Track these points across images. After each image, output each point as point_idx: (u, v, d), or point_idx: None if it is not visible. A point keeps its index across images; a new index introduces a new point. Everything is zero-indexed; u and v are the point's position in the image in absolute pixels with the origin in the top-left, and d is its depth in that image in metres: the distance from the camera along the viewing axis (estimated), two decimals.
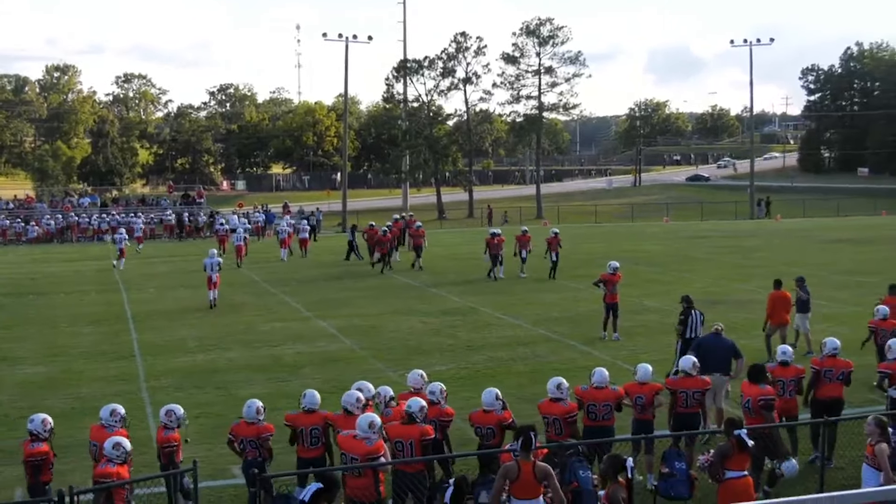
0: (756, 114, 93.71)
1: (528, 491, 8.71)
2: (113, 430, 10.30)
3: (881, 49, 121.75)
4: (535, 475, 8.68)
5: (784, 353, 12.81)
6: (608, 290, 21.81)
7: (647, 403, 11.95)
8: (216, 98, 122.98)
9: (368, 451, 9.58)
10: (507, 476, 8.76)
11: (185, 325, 24.42)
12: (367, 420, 9.78)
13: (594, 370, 11.91)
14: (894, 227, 56.76)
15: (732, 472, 9.44)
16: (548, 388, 11.35)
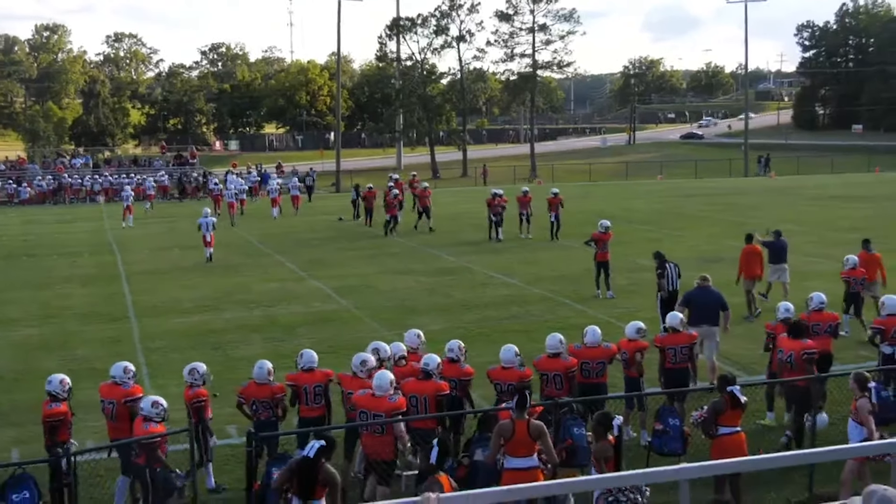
0: (751, 71, 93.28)
1: (522, 449, 8.81)
2: (128, 387, 10.47)
3: (876, 5, 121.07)
4: (529, 433, 8.76)
5: (784, 311, 12.83)
6: (599, 248, 21.87)
7: (630, 361, 12.06)
8: (208, 57, 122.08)
9: (392, 408, 9.71)
10: (501, 434, 8.85)
11: (179, 286, 24.41)
12: (388, 378, 9.93)
13: (587, 329, 11.98)
14: (888, 184, 56.77)
15: (725, 427, 9.52)
16: (547, 343, 11.43)
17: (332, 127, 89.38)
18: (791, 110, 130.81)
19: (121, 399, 10.36)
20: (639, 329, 12.28)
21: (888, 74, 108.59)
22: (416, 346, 11.78)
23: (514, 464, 8.83)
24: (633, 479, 8.28)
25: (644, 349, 12.21)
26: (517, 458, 8.83)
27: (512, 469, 8.79)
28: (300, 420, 10.99)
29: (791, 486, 10.19)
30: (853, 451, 8.97)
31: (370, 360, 10.77)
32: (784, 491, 10.10)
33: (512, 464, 8.84)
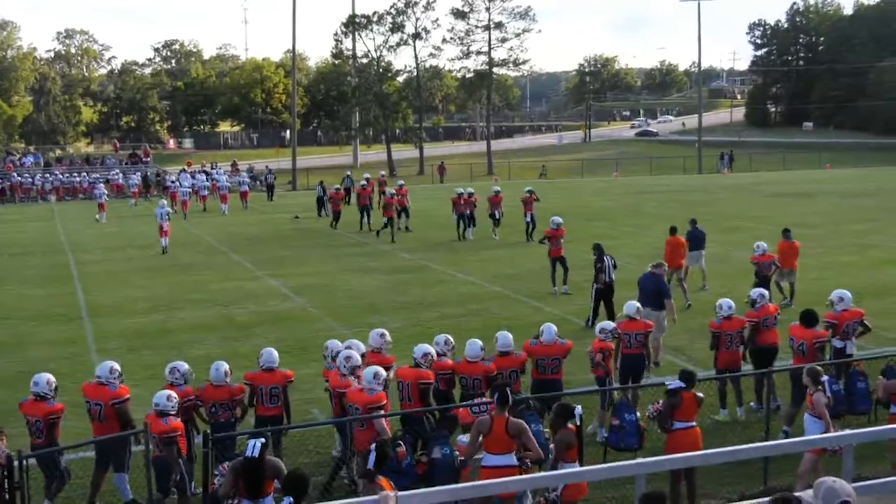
0: (704, 69, 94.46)
1: (500, 446, 8.78)
2: (115, 388, 10.35)
3: (826, 4, 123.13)
4: (507, 431, 8.76)
5: (729, 308, 13.02)
6: (552, 244, 22.12)
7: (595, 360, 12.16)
8: (161, 55, 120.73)
9: (369, 401, 9.76)
10: (480, 430, 8.86)
11: (134, 286, 24.12)
12: (372, 371, 10.05)
13: (543, 326, 12.04)
14: (838, 181, 57.81)
15: (680, 422, 9.63)
16: (499, 342, 11.54)
17: (288, 125, 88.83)
18: (744, 108, 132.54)
19: (108, 401, 10.24)
20: (602, 329, 12.40)
21: (837, 73, 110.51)
22: (380, 346, 11.67)
23: (491, 461, 8.81)
24: (590, 475, 8.37)
25: (610, 350, 12.34)
26: (494, 456, 8.81)
27: (489, 466, 8.76)
28: (256, 419, 10.93)
29: (746, 479, 10.34)
30: (806, 444, 9.14)
31: (354, 357, 10.71)
32: (739, 485, 10.23)
33: (489, 461, 8.82)
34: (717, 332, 12.92)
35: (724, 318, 12.90)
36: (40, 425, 9.95)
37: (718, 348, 12.94)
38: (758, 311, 13.19)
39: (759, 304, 13.28)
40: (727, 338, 12.82)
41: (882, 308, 18.74)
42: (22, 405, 10.21)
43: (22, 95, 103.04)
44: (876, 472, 10.01)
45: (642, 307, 14.16)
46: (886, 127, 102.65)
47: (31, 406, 10.09)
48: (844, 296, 13.36)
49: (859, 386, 11.12)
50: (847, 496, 5.00)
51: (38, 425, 9.96)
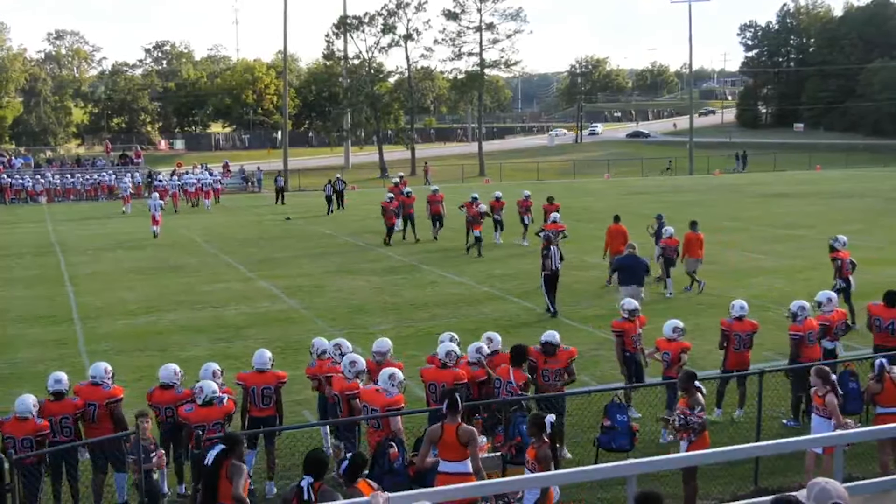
0: (695, 70, 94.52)
1: (451, 453, 8.67)
2: (109, 388, 10.43)
3: (816, 6, 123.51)
4: (458, 437, 8.64)
5: (741, 308, 12.99)
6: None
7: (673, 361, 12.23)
8: (152, 55, 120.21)
9: (387, 403, 9.70)
10: (430, 438, 8.78)
11: (124, 288, 24.06)
12: (388, 373, 10.01)
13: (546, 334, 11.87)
14: (828, 182, 57.98)
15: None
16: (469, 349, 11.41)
17: (279, 126, 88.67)
18: (734, 109, 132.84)
19: (103, 400, 10.26)
20: (675, 328, 12.39)
21: (828, 74, 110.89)
22: (385, 351, 11.50)
23: (444, 468, 8.70)
24: (582, 476, 8.37)
25: (688, 349, 12.40)
26: (448, 463, 8.70)
27: (443, 473, 8.64)
28: (250, 420, 10.89)
29: (737, 480, 10.36)
30: (805, 443, 9.16)
31: (359, 362, 10.64)
32: (730, 485, 10.24)
33: (443, 468, 8.71)
34: (726, 330, 12.90)
35: (735, 319, 12.89)
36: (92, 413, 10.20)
37: (727, 348, 12.92)
38: (801, 325, 12.61)
39: (800, 318, 12.64)
40: (736, 338, 12.81)
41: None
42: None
43: (12, 97, 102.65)
44: (866, 473, 10.06)
45: (625, 285, 17.04)
46: (876, 128, 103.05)
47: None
48: (832, 297, 13.45)
49: (851, 386, 11.15)
50: (839, 498, 5.01)
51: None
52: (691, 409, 9.38)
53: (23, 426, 9.62)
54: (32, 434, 9.63)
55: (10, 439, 9.55)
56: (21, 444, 9.49)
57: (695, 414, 9.37)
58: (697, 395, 9.49)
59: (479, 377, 11.02)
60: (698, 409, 9.43)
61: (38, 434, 9.65)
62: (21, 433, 9.59)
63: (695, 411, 9.39)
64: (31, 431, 9.63)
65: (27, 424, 9.63)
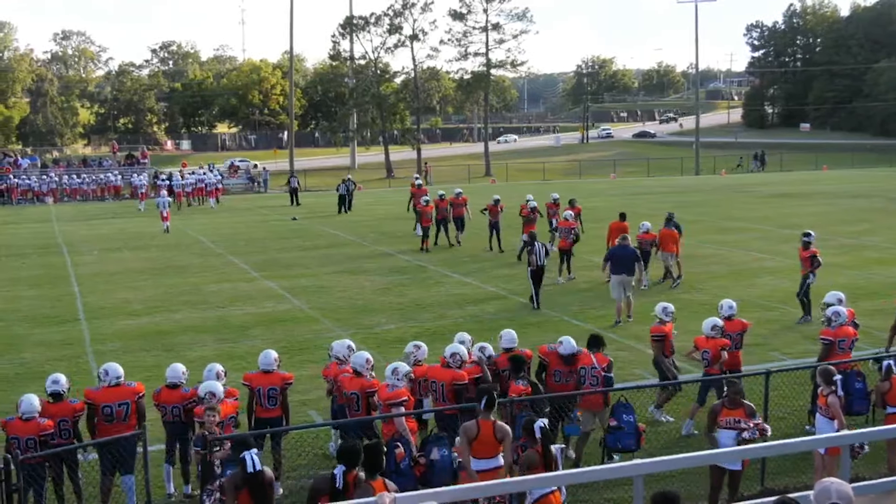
0: (701, 70, 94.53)
1: (487, 450, 8.74)
2: (133, 385, 10.58)
3: (823, 6, 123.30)
4: (494, 434, 8.72)
5: (730, 308, 13.00)
6: (562, 236, 23.60)
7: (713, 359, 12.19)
8: (158, 56, 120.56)
9: (388, 397, 9.85)
10: (467, 435, 8.80)
11: (129, 288, 24.07)
12: (392, 367, 10.22)
13: (560, 340, 11.81)
14: (835, 182, 57.85)
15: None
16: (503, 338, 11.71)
17: (286, 126, 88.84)
18: (741, 109, 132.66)
19: (133, 397, 10.38)
20: (714, 326, 12.39)
21: (834, 74, 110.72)
22: (346, 357, 11.37)
23: (477, 465, 8.74)
24: (588, 476, 8.34)
25: (727, 346, 12.37)
26: (481, 460, 8.74)
27: (479, 471, 8.69)
28: (256, 420, 10.86)
29: (744, 480, 10.31)
30: (810, 443, 9.13)
31: (401, 368, 10.53)
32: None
33: (476, 465, 8.75)
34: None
35: (724, 319, 12.88)
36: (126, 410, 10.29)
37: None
38: (835, 331, 12.34)
39: (835, 323, 12.40)
40: (727, 338, 12.77)
41: (876, 308, 18.75)
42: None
43: (19, 97, 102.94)
44: (873, 473, 10.02)
45: (616, 274, 18.48)
46: (883, 128, 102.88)
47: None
48: (842, 297, 13.46)
49: (857, 386, 11.10)
50: (839, 498, 4.96)
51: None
52: (752, 417, 9.37)
53: (27, 426, 9.62)
54: (36, 434, 9.63)
55: (14, 440, 9.56)
56: (25, 444, 9.49)
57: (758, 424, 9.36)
58: (752, 406, 9.53)
59: (474, 374, 11.00)
60: (756, 419, 9.44)
61: (41, 434, 9.65)
62: (25, 433, 9.60)
63: (755, 419, 9.39)
64: (35, 432, 9.63)
65: (31, 425, 9.64)
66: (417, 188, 33.82)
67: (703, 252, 27.46)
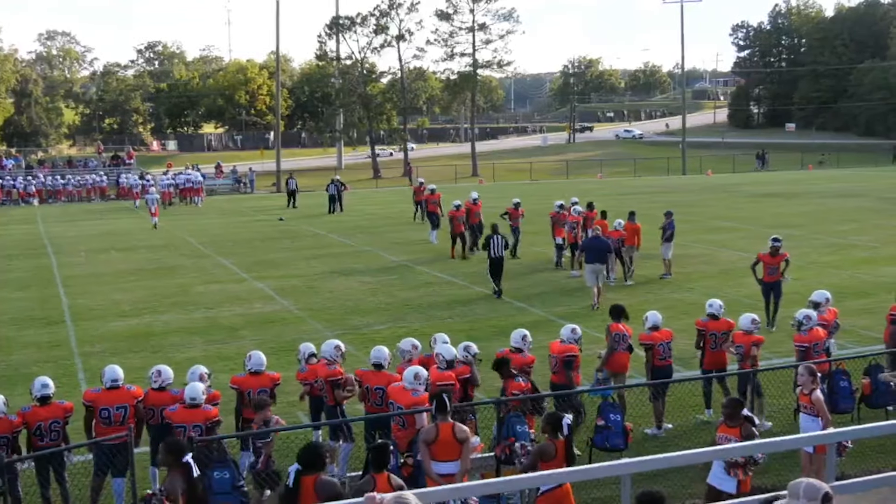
0: (687, 70, 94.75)
1: (448, 453, 8.68)
2: (132, 388, 10.59)
3: (807, 6, 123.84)
4: (454, 436, 8.66)
5: (719, 308, 13.05)
6: (570, 230, 24.82)
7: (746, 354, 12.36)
8: (144, 56, 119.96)
9: (413, 402, 9.72)
10: (425, 439, 8.75)
11: (117, 289, 24.01)
12: (413, 372, 10.01)
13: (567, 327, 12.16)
14: (821, 181, 58.13)
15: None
16: (512, 338, 11.68)
17: (272, 126, 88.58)
18: (727, 109, 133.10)
19: (133, 401, 10.39)
20: (753, 320, 12.55)
21: (819, 74, 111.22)
22: (334, 359, 11.41)
23: (440, 469, 8.67)
24: (576, 476, 8.38)
25: (761, 342, 12.52)
26: (443, 464, 8.68)
27: (439, 475, 8.61)
28: (243, 422, 10.85)
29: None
30: (795, 442, 9.19)
31: (422, 373, 10.32)
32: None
33: (439, 469, 8.67)
34: (701, 329, 12.95)
35: (710, 317, 12.94)
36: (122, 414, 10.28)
37: (704, 348, 12.95)
38: (808, 336, 12.23)
39: (805, 327, 12.29)
40: (712, 337, 12.84)
41: (863, 307, 18.91)
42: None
43: (3, 97, 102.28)
44: (859, 471, 10.11)
45: (590, 263, 19.96)
46: (868, 128, 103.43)
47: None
48: (829, 296, 13.56)
49: (842, 385, 11.20)
50: (828, 489, 5.04)
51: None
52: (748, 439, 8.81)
53: None
54: (9, 433, 9.68)
55: None
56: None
57: None
58: (752, 428, 8.92)
59: (463, 374, 11.02)
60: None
61: (13, 432, 9.71)
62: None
63: None
64: (7, 430, 9.68)
65: (2, 423, 9.68)
66: (431, 193, 32.98)
67: (692, 252, 27.57)
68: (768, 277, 17.98)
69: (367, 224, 38.08)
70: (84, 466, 10.35)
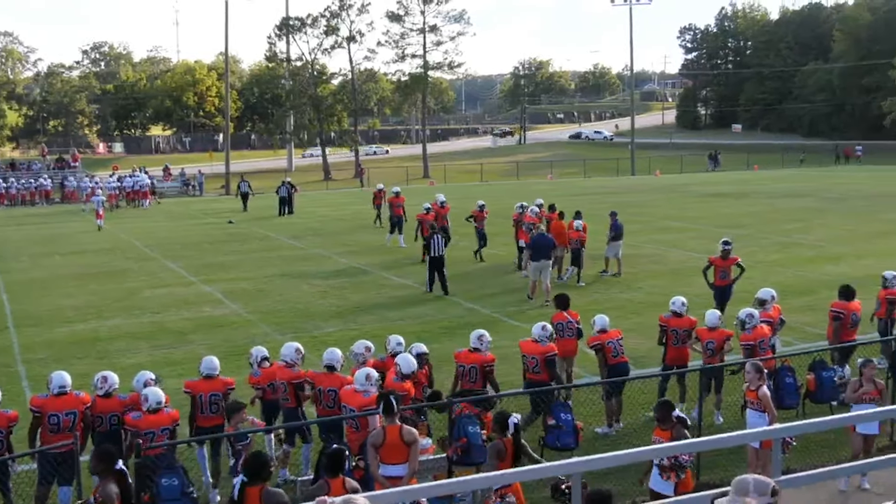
0: (636, 72, 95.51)
1: (396, 455, 8.67)
2: (81, 394, 10.32)
3: (753, 9, 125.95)
4: (402, 438, 8.66)
5: (682, 305, 13.15)
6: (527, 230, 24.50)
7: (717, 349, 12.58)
8: (89, 57, 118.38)
9: (364, 403, 9.66)
10: (373, 443, 8.74)
11: (62, 295, 23.58)
12: (364, 373, 10.02)
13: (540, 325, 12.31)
14: (768, 182, 59.04)
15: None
16: (470, 339, 11.79)
17: (221, 128, 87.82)
18: (675, 111, 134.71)
19: (82, 407, 10.15)
20: (719, 316, 12.99)
21: (765, 76, 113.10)
22: (295, 360, 11.33)
23: (388, 472, 8.67)
24: (527, 475, 8.39)
25: (731, 337, 12.81)
26: (392, 466, 8.68)
27: (388, 477, 8.61)
28: (196, 429, 10.73)
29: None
30: (739, 438, 9.29)
31: (373, 374, 10.31)
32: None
33: (387, 472, 8.68)
34: (663, 325, 13.08)
35: (673, 314, 13.06)
36: None
37: (666, 344, 13.08)
38: (752, 334, 12.46)
39: (749, 325, 12.55)
40: (673, 334, 12.98)
41: (807, 304, 19.25)
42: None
43: None
44: (804, 465, 10.26)
45: (536, 260, 20.72)
46: (812, 129, 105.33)
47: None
48: (774, 294, 13.78)
49: (787, 381, 11.35)
50: (756, 489, 5.07)
51: None
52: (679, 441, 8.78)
53: None
54: None
55: None
56: None
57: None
58: (683, 430, 8.97)
59: (421, 380, 11.00)
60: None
61: None
62: None
63: None
64: None
65: None
66: (395, 196, 31.92)
67: (641, 252, 27.81)
68: (720, 281, 17.92)
69: (318, 226, 37.88)
70: (28, 476, 10.13)
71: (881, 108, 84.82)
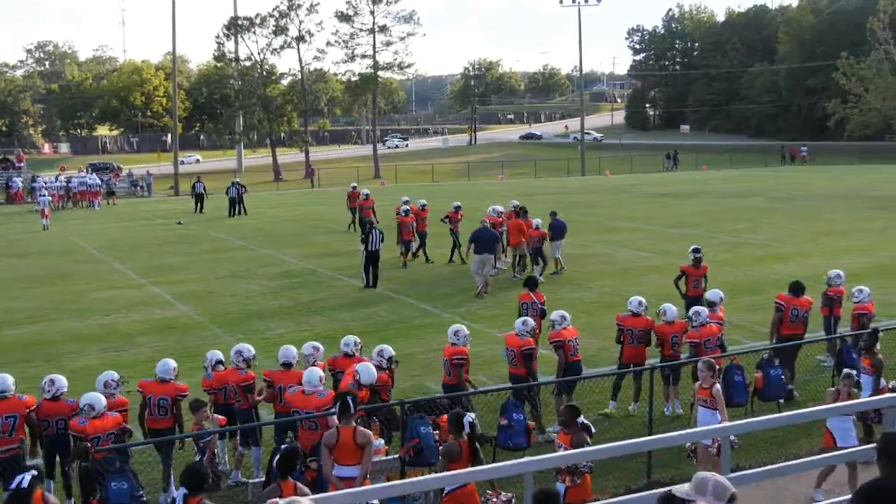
0: (585, 73, 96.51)
1: (349, 457, 8.68)
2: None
3: (700, 11, 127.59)
4: (354, 440, 8.67)
5: (639, 305, 13.30)
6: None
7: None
8: (34, 56, 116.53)
9: (322, 404, 9.68)
10: (327, 444, 8.75)
11: (8, 297, 23.17)
12: (317, 375, 10.08)
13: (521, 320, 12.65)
14: (716, 182, 59.86)
15: None
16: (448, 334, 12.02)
17: (169, 128, 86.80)
18: (624, 111, 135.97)
19: (23, 410, 10.06)
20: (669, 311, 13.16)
21: (712, 77, 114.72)
22: (239, 365, 11.33)
23: (342, 472, 8.68)
24: (478, 476, 8.42)
25: (685, 328, 12.98)
26: (346, 467, 8.68)
27: (341, 478, 8.62)
28: (149, 431, 10.68)
29: (630, 474, 10.60)
30: (692, 436, 9.43)
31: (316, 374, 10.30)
32: (625, 479, 10.46)
33: (341, 472, 8.69)
34: (620, 325, 13.25)
35: (630, 314, 13.22)
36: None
37: (623, 343, 13.24)
38: (699, 332, 12.66)
39: (696, 323, 12.75)
40: (629, 333, 13.15)
41: (755, 303, 19.54)
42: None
43: None
44: (753, 462, 10.44)
45: (479, 253, 21.33)
46: (758, 129, 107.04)
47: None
48: (722, 295, 14.04)
49: (737, 379, 11.54)
50: (715, 490, 5.08)
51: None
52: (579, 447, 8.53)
53: None
54: None
55: None
56: None
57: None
58: (584, 436, 8.78)
59: (383, 383, 11.00)
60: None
61: None
62: None
63: None
64: None
65: None
66: (365, 199, 31.43)
67: (590, 251, 28.05)
68: (693, 291, 16.73)
69: (268, 227, 37.63)
70: None
71: (825, 109, 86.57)
